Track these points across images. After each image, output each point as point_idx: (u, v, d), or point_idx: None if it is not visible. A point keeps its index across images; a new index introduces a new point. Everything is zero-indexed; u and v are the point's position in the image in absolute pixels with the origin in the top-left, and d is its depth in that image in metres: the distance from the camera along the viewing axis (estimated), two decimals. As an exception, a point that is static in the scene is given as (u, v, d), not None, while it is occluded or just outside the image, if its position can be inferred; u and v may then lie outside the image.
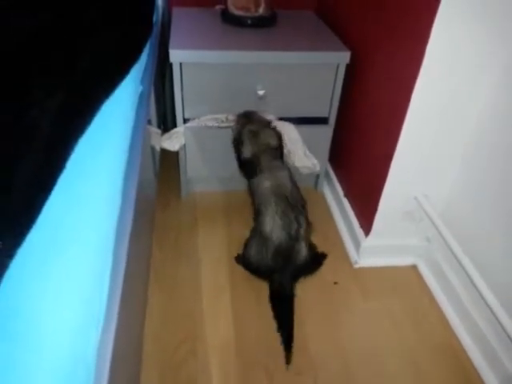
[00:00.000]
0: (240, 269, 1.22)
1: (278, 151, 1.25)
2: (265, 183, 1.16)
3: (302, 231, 1.12)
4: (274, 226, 1.10)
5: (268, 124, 1.27)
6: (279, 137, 1.26)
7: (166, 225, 1.38)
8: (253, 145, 1.22)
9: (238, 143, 1.26)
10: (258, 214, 1.16)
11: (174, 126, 1.35)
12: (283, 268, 1.12)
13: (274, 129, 1.27)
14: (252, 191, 1.21)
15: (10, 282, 0.41)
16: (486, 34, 0.89)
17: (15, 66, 0.64)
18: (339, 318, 1.13)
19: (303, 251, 1.13)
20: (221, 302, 1.14)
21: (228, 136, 1.31)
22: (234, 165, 1.29)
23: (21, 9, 0.81)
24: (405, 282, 1.24)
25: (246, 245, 1.19)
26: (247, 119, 1.26)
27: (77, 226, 0.50)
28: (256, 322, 1.10)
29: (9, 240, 0.40)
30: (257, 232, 1.15)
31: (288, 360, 1.01)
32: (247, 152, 1.23)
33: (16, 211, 0.42)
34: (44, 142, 0.50)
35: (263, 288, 1.15)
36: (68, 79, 0.65)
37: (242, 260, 1.21)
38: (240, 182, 1.32)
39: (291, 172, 1.22)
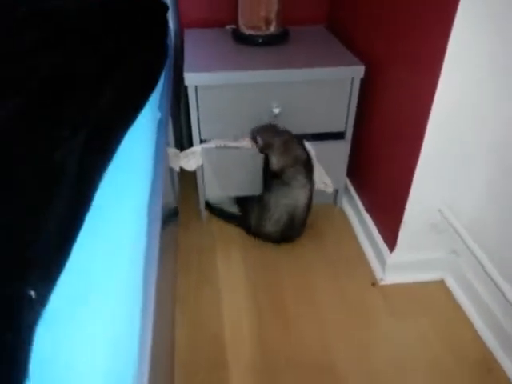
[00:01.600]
0: (261, 292, 1.21)
1: (306, 166, 1.27)
2: (280, 201, 1.26)
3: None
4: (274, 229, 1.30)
5: (294, 137, 1.28)
6: (307, 151, 1.28)
7: (188, 248, 1.37)
8: (284, 156, 1.24)
9: (267, 154, 1.27)
10: (264, 206, 1.29)
11: (191, 145, 1.34)
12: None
13: (302, 143, 1.28)
14: (261, 198, 1.31)
15: (43, 328, 0.40)
16: (503, 42, 0.87)
17: (37, 106, 0.65)
18: (367, 337, 1.10)
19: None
20: (244, 326, 1.12)
21: (244, 156, 1.30)
22: (253, 185, 1.29)
23: (41, 47, 0.82)
24: (433, 298, 1.20)
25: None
26: (273, 132, 1.27)
27: (105, 267, 0.49)
28: (281, 345, 1.08)
29: (42, 288, 0.39)
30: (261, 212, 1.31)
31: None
32: (276, 164, 1.24)
33: (47, 258, 0.41)
34: (71, 183, 0.50)
35: (286, 310, 1.13)
36: (91, 114, 0.65)
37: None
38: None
39: (311, 194, 1.28)
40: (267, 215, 1.29)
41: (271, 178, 1.28)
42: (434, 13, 0.92)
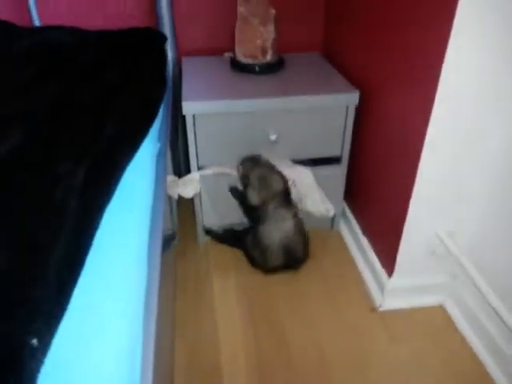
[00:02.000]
0: (258, 318, 1.21)
1: (285, 196, 1.27)
2: (272, 235, 1.26)
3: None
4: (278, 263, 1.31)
5: (273, 168, 1.28)
6: (285, 180, 1.28)
7: (185, 273, 1.36)
8: (261, 191, 1.24)
9: (244, 188, 1.27)
10: (261, 244, 1.29)
11: (188, 172, 1.35)
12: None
13: (280, 172, 1.28)
14: (255, 235, 1.30)
15: (45, 375, 0.40)
16: (497, 73, 0.90)
17: (38, 141, 0.66)
18: (366, 363, 1.09)
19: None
20: (241, 353, 1.11)
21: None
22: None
23: (40, 80, 0.84)
24: (433, 323, 1.20)
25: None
26: (253, 163, 1.27)
27: (105, 307, 0.49)
28: (281, 372, 1.07)
29: (44, 336, 0.39)
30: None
31: None
32: (255, 199, 1.25)
33: (49, 304, 0.41)
34: (71, 222, 0.50)
35: (284, 336, 1.12)
36: (91, 149, 0.66)
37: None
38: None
39: (299, 219, 1.28)
40: (267, 253, 1.30)
41: (252, 212, 1.29)
42: (428, 41, 0.94)
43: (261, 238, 1.29)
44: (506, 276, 1.01)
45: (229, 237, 1.47)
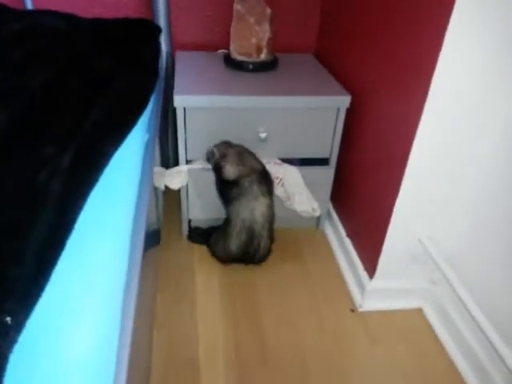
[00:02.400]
0: (239, 314, 1.21)
1: (262, 176, 1.26)
2: (241, 213, 1.25)
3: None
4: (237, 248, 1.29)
5: (249, 150, 1.29)
6: (262, 164, 1.29)
7: (168, 266, 1.36)
8: (239, 166, 1.24)
9: (219, 164, 1.26)
10: (227, 226, 1.29)
11: (176, 164, 1.35)
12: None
13: (256, 156, 1.29)
14: (228, 214, 1.29)
15: (19, 355, 0.40)
16: (488, 81, 0.91)
17: (24, 124, 0.65)
18: (343, 362, 1.10)
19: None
20: (219, 349, 1.12)
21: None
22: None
23: (30, 65, 0.83)
24: (410, 326, 1.21)
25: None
26: (227, 145, 1.28)
27: (84, 291, 0.49)
28: (259, 369, 1.07)
29: (19, 315, 0.39)
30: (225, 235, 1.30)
31: None
32: (232, 173, 1.24)
33: (26, 283, 0.41)
34: (54, 205, 0.50)
35: (264, 332, 1.12)
36: (77, 135, 0.66)
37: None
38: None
39: (272, 205, 1.28)
40: (230, 232, 1.28)
41: (227, 190, 1.27)
42: (420, 49, 0.96)
43: (229, 216, 1.28)
44: (485, 284, 1.03)
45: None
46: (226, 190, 1.28)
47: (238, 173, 1.24)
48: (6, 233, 0.44)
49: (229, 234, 1.29)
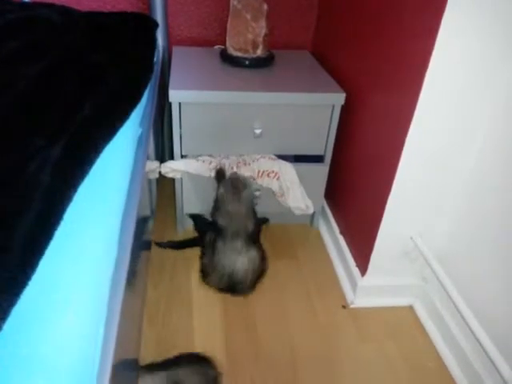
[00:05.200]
0: (231, 309, 1.22)
1: (250, 236, 1.25)
2: (222, 259, 1.23)
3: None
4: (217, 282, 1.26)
5: (252, 207, 1.27)
6: (258, 223, 1.28)
7: (161, 261, 1.37)
8: (226, 221, 1.23)
9: (215, 206, 1.27)
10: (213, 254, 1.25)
11: (171, 158, 1.35)
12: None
13: (255, 213, 1.28)
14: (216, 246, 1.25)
15: (2, 344, 0.40)
16: (482, 78, 0.92)
17: (16, 115, 0.65)
18: (333, 357, 1.11)
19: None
20: (212, 343, 1.12)
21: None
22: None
23: (23, 56, 0.83)
24: (401, 323, 1.22)
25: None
26: (234, 190, 1.24)
27: (71, 282, 0.50)
28: (251, 364, 1.08)
29: (4, 302, 0.39)
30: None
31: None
32: (220, 221, 1.24)
33: (12, 272, 0.42)
34: (43, 195, 0.50)
35: (256, 327, 1.13)
36: (68, 127, 0.66)
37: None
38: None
39: (254, 261, 1.25)
40: (214, 263, 1.25)
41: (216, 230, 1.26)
42: (414, 48, 0.96)
43: (216, 250, 1.25)
44: (475, 282, 1.04)
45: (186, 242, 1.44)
46: (216, 229, 1.26)
47: (225, 225, 1.23)
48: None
49: (208, 272, 1.27)
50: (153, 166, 1.28)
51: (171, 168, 1.32)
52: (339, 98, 1.29)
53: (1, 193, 0.48)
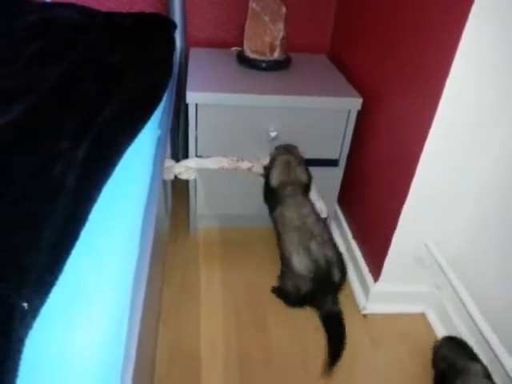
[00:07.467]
0: (242, 310, 1.22)
1: (304, 189, 1.25)
2: (287, 215, 1.17)
3: (333, 258, 1.12)
4: (302, 265, 1.10)
5: (302, 161, 1.29)
6: (309, 177, 1.29)
7: (174, 261, 1.37)
8: (282, 174, 1.24)
9: (268, 169, 1.28)
10: (283, 249, 1.16)
11: (186, 156, 1.36)
12: (323, 294, 1.12)
13: (307, 169, 1.29)
14: (275, 224, 1.21)
15: (33, 341, 0.41)
16: (502, 85, 0.91)
17: (40, 117, 0.66)
18: (345, 363, 1.11)
19: (336, 275, 1.13)
20: (222, 345, 1.13)
21: (238, 176, 1.33)
22: (244, 204, 1.29)
23: (46, 57, 0.84)
24: (413, 331, 1.22)
25: (281, 280, 1.18)
26: (286, 150, 1.29)
27: (96, 281, 0.50)
28: (261, 367, 1.08)
29: (35, 301, 0.40)
30: (288, 269, 1.14)
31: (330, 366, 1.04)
32: (274, 181, 1.25)
33: (42, 271, 0.42)
34: (69, 197, 0.51)
35: (266, 330, 1.13)
36: (91, 129, 0.67)
37: (280, 293, 1.22)
38: (249, 220, 1.31)
39: (313, 207, 1.23)
40: (291, 263, 1.13)
41: (270, 193, 1.26)
42: (434, 53, 0.96)
43: (278, 220, 1.19)
44: (489, 290, 1.03)
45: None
46: (269, 194, 1.27)
47: (279, 181, 1.24)
48: (23, 223, 0.46)
49: (289, 266, 1.14)
50: (169, 164, 1.29)
51: (186, 166, 1.33)
52: (356, 103, 1.29)
53: (29, 195, 0.49)
